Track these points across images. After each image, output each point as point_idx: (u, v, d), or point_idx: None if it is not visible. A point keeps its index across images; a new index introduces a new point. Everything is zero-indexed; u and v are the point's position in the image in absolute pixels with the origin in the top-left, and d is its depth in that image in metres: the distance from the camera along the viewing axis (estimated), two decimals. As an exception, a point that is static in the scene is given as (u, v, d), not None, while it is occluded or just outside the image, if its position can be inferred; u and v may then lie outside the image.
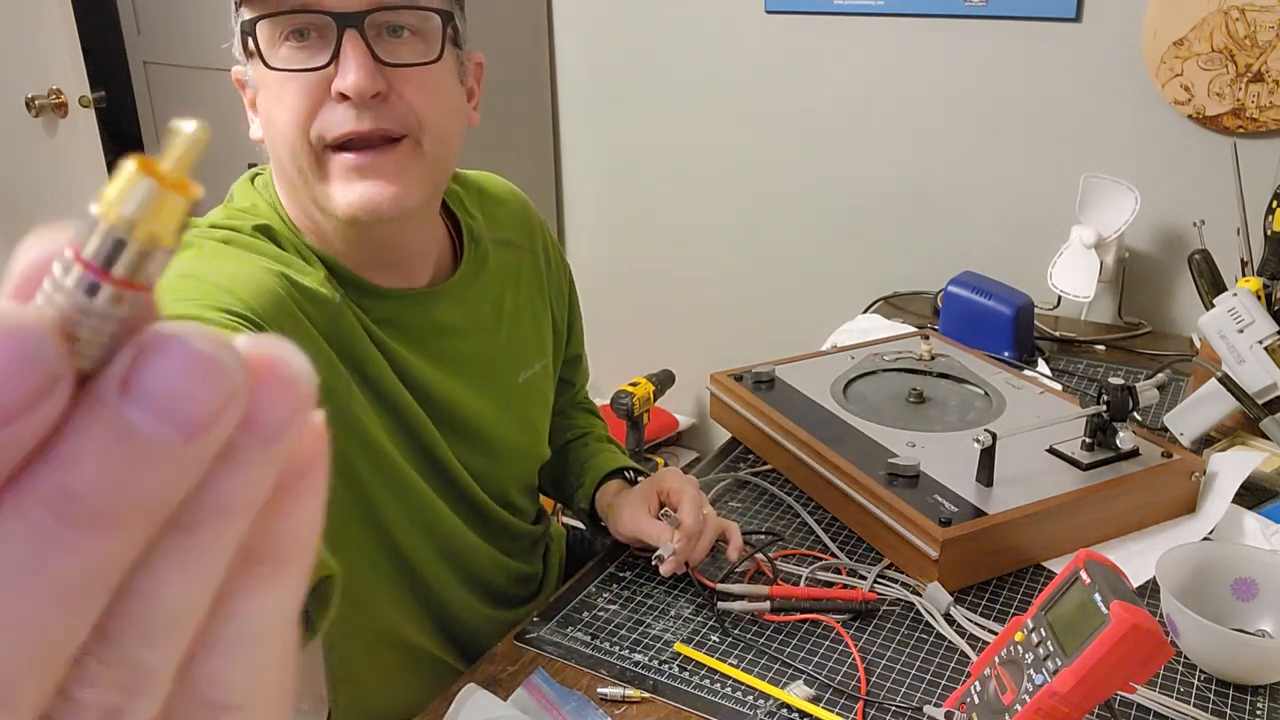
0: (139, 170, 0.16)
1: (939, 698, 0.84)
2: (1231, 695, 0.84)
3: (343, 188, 0.83)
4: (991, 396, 1.23)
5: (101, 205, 0.16)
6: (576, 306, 1.19)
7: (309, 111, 0.82)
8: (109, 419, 0.16)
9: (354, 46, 0.80)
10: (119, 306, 0.16)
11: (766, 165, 2.20)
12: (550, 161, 2.48)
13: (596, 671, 0.88)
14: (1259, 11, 1.60)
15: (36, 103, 2.46)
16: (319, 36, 0.81)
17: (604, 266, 2.51)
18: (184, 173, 0.17)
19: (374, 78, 0.80)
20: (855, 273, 2.15)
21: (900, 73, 1.98)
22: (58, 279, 0.16)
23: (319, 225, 0.89)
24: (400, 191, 0.84)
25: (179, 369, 0.17)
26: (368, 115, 0.81)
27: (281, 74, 0.82)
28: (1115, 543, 1.04)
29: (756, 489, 1.19)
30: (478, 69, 0.96)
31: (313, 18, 0.81)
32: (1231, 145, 1.56)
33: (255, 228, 0.87)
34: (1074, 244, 1.72)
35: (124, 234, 0.16)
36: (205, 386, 0.17)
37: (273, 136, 0.85)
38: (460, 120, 0.91)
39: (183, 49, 2.50)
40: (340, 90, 0.80)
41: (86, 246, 0.16)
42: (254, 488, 0.18)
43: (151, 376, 0.16)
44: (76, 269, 0.16)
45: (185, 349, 0.17)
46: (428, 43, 0.85)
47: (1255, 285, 1.24)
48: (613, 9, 2.28)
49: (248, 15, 0.82)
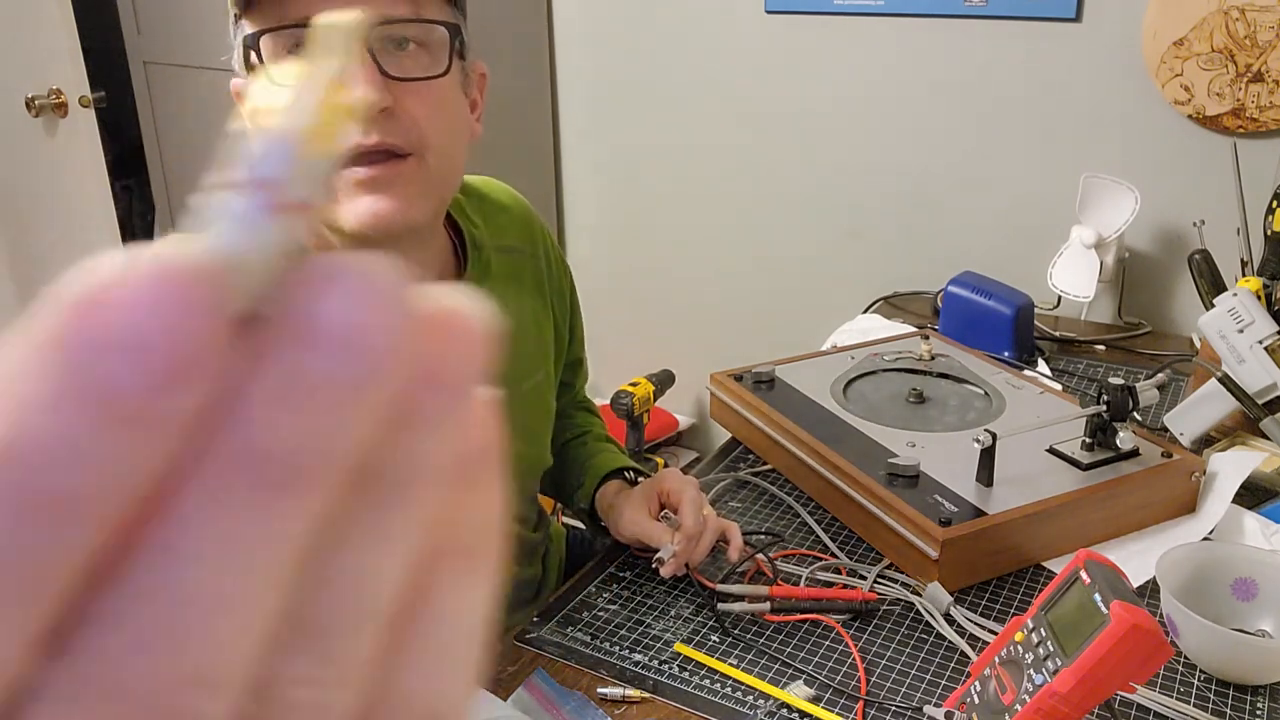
0: (307, 75, 0.15)
1: (939, 698, 0.84)
2: (1231, 695, 0.84)
3: (349, 204, 0.82)
4: (991, 396, 1.23)
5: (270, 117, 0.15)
6: (578, 310, 1.19)
7: None
8: (290, 363, 0.15)
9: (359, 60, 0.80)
10: (287, 230, 0.15)
11: (766, 165, 2.20)
12: (550, 162, 2.48)
13: (596, 671, 0.89)
14: (1259, 11, 1.60)
15: (36, 103, 2.46)
16: None
17: (604, 266, 2.51)
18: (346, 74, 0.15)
19: (380, 92, 0.79)
20: (855, 273, 2.15)
21: (900, 73, 1.98)
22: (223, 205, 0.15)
23: (322, 240, 0.88)
24: (406, 206, 0.83)
25: (354, 301, 0.15)
26: (373, 129, 0.80)
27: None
28: (1115, 543, 1.04)
29: (756, 489, 1.19)
30: (481, 80, 0.95)
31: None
32: (1231, 145, 1.56)
33: None
34: (1074, 244, 1.72)
35: (291, 147, 0.15)
36: (385, 318, 0.15)
37: None
38: (464, 134, 0.90)
39: (183, 49, 2.50)
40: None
41: (259, 166, 0.15)
42: (442, 451, 0.16)
43: (328, 311, 0.15)
44: (253, 193, 0.15)
45: (356, 280, 0.15)
46: (433, 56, 0.84)
47: (1255, 285, 1.24)
48: (613, 9, 2.28)
49: (249, 29, 0.81)
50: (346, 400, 0.15)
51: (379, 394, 0.15)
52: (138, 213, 3.46)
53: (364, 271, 0.15)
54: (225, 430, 0.14)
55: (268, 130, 0.14)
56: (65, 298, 0.14)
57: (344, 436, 0.15)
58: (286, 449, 0.14)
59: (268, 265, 0.15)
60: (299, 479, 0.14)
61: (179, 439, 0.14)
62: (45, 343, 0.14)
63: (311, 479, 0.15)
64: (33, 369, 0.13)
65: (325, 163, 0.15)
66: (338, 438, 0.15)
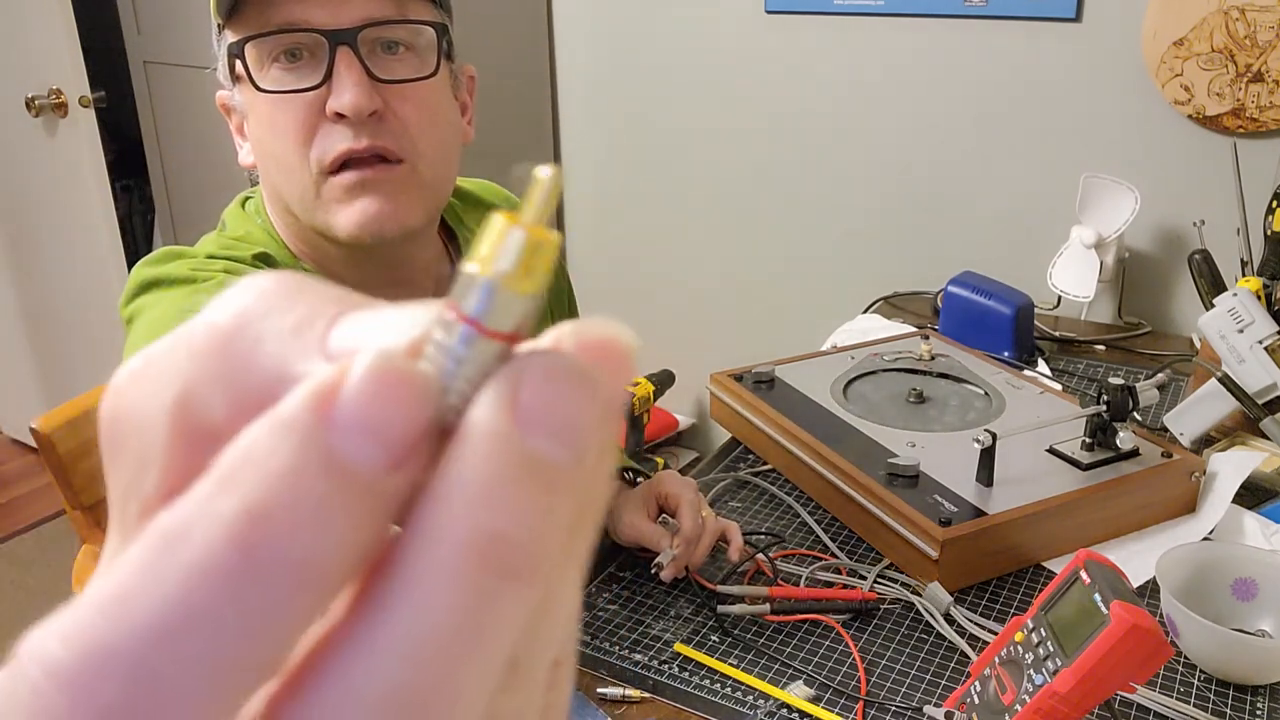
0: (508, 223, 0.17)
1: (939, 698, 0.84)
2: (1231, 695, 0.84)
3: (342, 209, 0.81)
4: (991, 396, 1.23)
5: (477, 262, 0.17)
6: (576, 313, 1.19)
7: (305, 135, 0.79)
8: (514, 451, 0.16)
9: (347, 65, 0.77)
10: (491, 358, 0.17)
11: (766, 165, 2.20)
12: (550, 161, 2.48)
13: (596, 671, 0.89)
14: (1259, 11, 1.60)
15: (36, 103, 2.46)
16: (310, 56, 0.79)
17: (604, 267, 2.51)
18: (545, 220, 0.18)
19: (370, 95, 0.78)
20: (855, 273, 2.15)
21: (900, 73, 1.98)
22: (439, 340, 0.17)
23: (317, 249, 0.87)
24: (399, 210, 0.82)
25: (565, 390, 0.16)
26: (364, 133, 0.79)
27: (273, 96, 0.79)
28: (1115, 543, 1.04)
29: (756, 489, 1.19)
30: (470, 82, 0.94)
31: (302, 36, 0.78)
32: (1231, 145, 1.56)
33: (255, 257, 0.85)
34: (1074, 244, 1.72)
35: (495, 283, 0.17)
36: (589, 402, 0.17)
37: (267, 163, 0.83)
38: (456, 138, 0.89)
39: (183, 49, 2.50)
40: (336, 110, 0.78)
41: (465, 304, 0.17)
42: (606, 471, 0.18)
43: (543, 403, 0.16)
44: (459, 327, 0.17)
45: (561, 368, 0.17)
46: (422, 58, 0.83)
47: (1255, 285, 1.24)
48: (613, 9, 2.28)
49: (233, 37, 0.80)
50: (568, 481, 0.16)
51: (588, 469, 0.17)
52: (138, 213, 3.46)
53: (560, 359, 0.17)
54: (442, 511, 0.15)
55: (478, 272, 0.17)
56: (305, 390, 0.16)
57: (566, 514, 0.16)
58: (523, 531, 0.15)
59: (471, 384, 0.17)
60: (532, 561, 0.16)
61: (392, 513, 0.16)
62: (285, 424, 0.15)
63: (541, 560, 0.16)
64: (279, 445, 0.15)
65: (527, 299, 0.17)
66: (562, 516, 0.16)
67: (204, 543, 0.14)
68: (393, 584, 0.15)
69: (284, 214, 0.87)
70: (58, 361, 2.90)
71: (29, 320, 2.91)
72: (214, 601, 0.14)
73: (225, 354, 0.17)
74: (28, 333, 2.93)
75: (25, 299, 2.89)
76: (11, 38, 2.49)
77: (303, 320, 0.17)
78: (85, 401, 1.14)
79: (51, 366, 2.93)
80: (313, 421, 0.15)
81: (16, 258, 2.85)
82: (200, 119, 2.53)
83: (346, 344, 0.17)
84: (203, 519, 0.15)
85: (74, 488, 1.10)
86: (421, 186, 0.84)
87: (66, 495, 1.11)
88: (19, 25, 2.45)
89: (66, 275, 2.72)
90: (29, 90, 2.46)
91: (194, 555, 0.14)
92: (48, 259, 2.76)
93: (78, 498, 1.10)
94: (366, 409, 0.15)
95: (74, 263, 2.68)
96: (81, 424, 1.11)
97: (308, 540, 0.15)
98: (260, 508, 0.15)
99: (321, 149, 0.79)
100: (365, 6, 0.79)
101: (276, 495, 0.15)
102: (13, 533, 2.65)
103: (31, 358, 2.96)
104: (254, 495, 0.15)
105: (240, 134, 0.87)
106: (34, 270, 2.82)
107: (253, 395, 0.17)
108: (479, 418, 0.16)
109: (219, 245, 0.86)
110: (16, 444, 3.09)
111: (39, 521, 2.70)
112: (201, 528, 0.14)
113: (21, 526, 2.68)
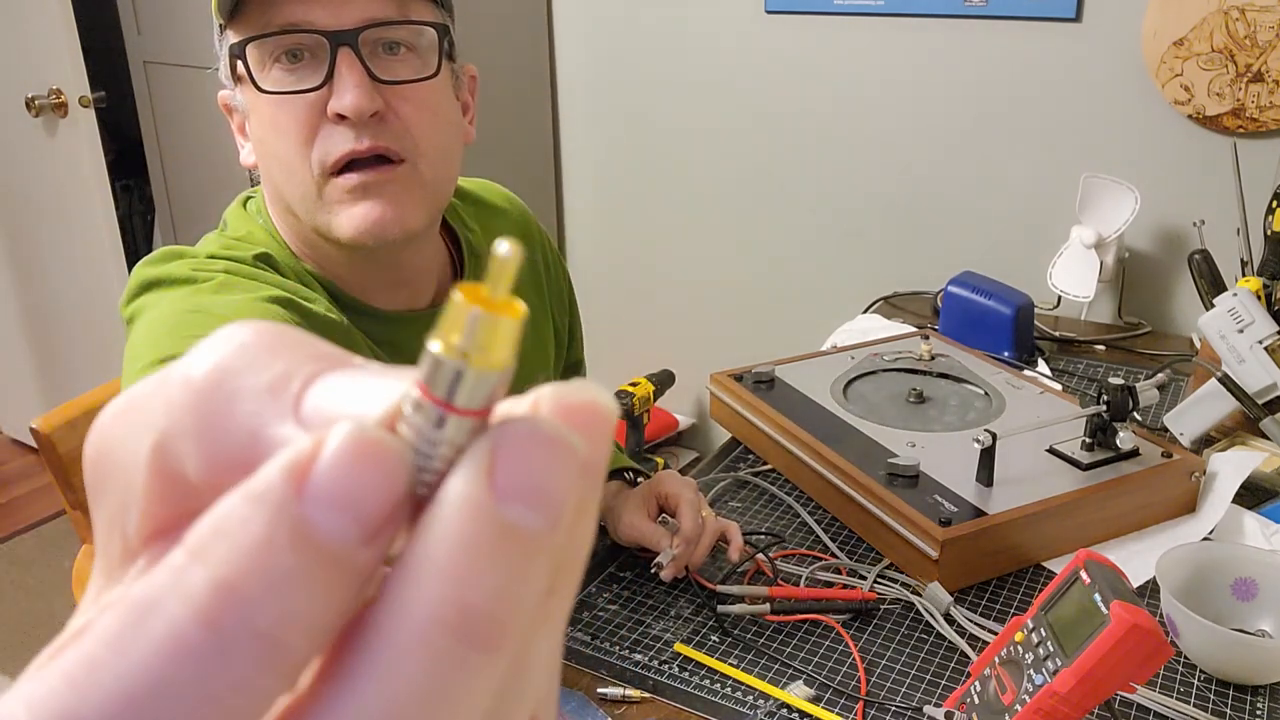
0: (466, 300, 0.17)
1: (939, 698, 0.84)
2: (1231, 695, 0.84)
3: (345, 211, 0.81)
4: (991, 396, 1.23)
5: (438, 340, 0.17)
6: (576, 313, 1.19)
7: (307, 136, 0.79)
8: (489, 520, 0.16)
9: (349, 65, 0.78)
10: (465, 434, 0.17)
11: (766, 165, 2.21)
12: (550, 162, 2.48)
13: (596, 671, 0.89)
14: (1259, 11, 1.60)
15: (36, 103, 2.46)
16: (311, 57, 0.79)
17: (604, 267, 2.51)
18: (507, 293, 0.18)
19: (372, 96, 0.78)
20: (855, 273, 2.15)
21: (900, 73, 1.98)
22: (408, 416, 0.17)
23: (319, 250, 0.87)
24: (402, 213, 0.82)
25: (541, 457, 0.16)
26: (366, 134, 0.79)
27: (275, 98, 0.79)
28: (1115, 543, 1.04)
29: (756, 489, 1.19)
30: (472, 82, 0.94)
31: (303, 37, 0.78)
32: (1231, 145, 1.57)
33: (256, 257, 0.84)
34: (1074, 244, 1.72)
35: (462, 365, 0.17)
36: (565, 467, 0.17)
37: (269, 164, 0.83)
38: (457, 138, 0.89)
39: (183, 49, 2.50)
40: (337, 111, 0.78)
41: (434, 386, 0.17)
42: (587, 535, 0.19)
43: (519, 471, 0.16)
44: (426, 405, 0.17)
45: (537, 435, 0.17)
46: (423, 58, 0.83)
47: (1255, 285, 1.24)
48: (613, 9, 2.28)
49: (235, 38, 0.80)
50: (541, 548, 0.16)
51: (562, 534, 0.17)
52: (138, 212, 3.46)
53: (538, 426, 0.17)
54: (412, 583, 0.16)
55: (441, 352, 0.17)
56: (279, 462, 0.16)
57: (541, 580, 0.16)
58: (493, 602, 0.16)
59: (442, 460, 0.17)
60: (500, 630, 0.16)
61: (363, 585, 0.16)
62: (258, 496, 0.15)
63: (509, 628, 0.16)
64: (251, 517, 0.15)
65: (495, 374, 0.17)
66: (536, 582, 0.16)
67: (171, 617, 0.15)
68: (362, 654, 0.16)
69: (285, 214, 0.87)
70: (58, 361, 2.90)
71: (29, 320, 2.91)
72: (179, 675, 0.14)
73: (200, 411, 0.17)
74: (28, 333, 2.93)
75: (25, 299, 2.89)
76: (11, 38, 2.49)
77: (279, 379, 0.17)
78: (85, 401, 1.14)
79: (51, 366, 2.93)
80: (286, 494, 0.15)
81: (16, 258, 2.85)
82: (200, 119, 2.53)
83: (322, 408, 0.17)
84: (172, 591, 0.15)
85: (74, 488, 1.10)
86: (423, 186, 0.84)
87: (66, 495, 1.11)
88: (19, 25, 2.45)
89: (66, 275, 2.72)
90: (29, 90, 2.46)
91: (161, 629, 0.15)
92: (48, 259, 2.76)
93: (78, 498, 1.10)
94: (340, 483, 0.15)
95: (74, 263, 2.68)
96: (81, 424, 1.11)
97: (274, 614, 0.15)
98: (229, 580, 0.15)
99: (323, 150, 0.79)
100: (367, 7, 0.79)
101: (246, 568, 0.15)
102: (13, 533, 2.65)
103: (31, 358, 2.96)
104: (223, 568, 0.15)
105: (242, 134, 0.87)
106: (34, 270, 2.82)
107: (227, 454, 0.17)
108: (453, 488, 0.16)
109: (220, 245, 0.86)
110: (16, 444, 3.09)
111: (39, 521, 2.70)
112: (170, 600, 0.15)
113: (21, 526, 2.68)
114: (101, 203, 2.53)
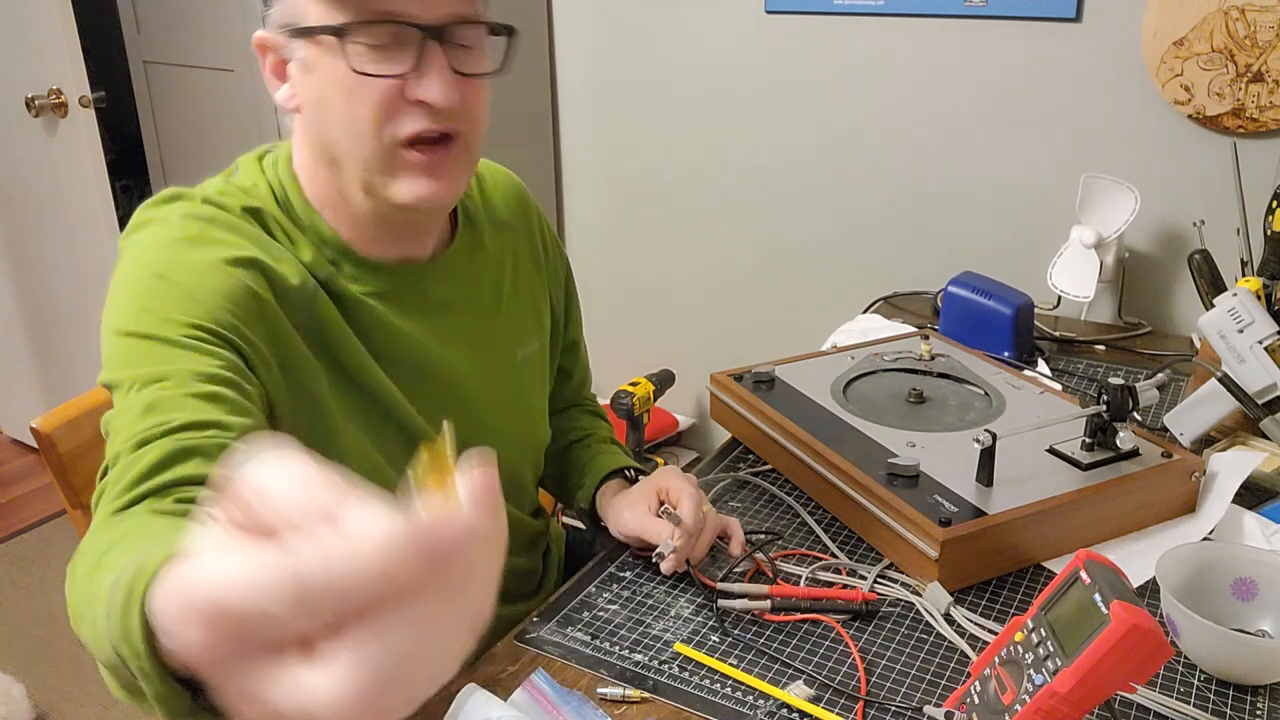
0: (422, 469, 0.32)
1: (939, 698, 0.84)
2: (1231, 695, 0.84)
3: (408, 180, 0.86)
4: (991, 396, 1.23)
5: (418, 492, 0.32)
6: (574, 294, 1.20)
7: (384, 114, 0.84)
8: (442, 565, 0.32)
9: (436, 59, 0.83)
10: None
11: (766, 165, 2.21)
12: (550, 161, 2.48)
13: (596, 671, 0.89)
14: (1259, 11, 1.60)
15: (36, 103, 2.46)
16: (395, 42, 0.83)
17: (604, 266, 2.51)
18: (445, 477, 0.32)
19: (454, 90, 0.84)
20: (855, 273, 2.15)
21: (900, 73, 1.98)
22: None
23: (343, 202, 0.91)
24: (454, 187, 0.89)
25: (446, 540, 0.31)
26: (441, 118, 0.85)
27: (359, 76, 0.84)
28: (1115, 543, 1.04)
29: (756, 489, 1.19)
30: None
31: (397, 28, 0.83)
32: (1231, 145, 1.57)
33: (244, 209, 0.88)
34: (1074, 244, 1.72)
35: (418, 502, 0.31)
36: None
37: (326, 121, 0.86)
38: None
39: (183, 49, 2.50)
40: (422, 99, 0.83)
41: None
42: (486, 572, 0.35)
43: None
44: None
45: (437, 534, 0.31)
46: (485, 51, 0.89)
47: (1255, 285, 1.24)
48: (613, 9, 2.28)
49: (333, 19, 0.83)
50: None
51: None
52: (138, 213, 3.45)
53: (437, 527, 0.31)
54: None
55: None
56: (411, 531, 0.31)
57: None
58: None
59: None
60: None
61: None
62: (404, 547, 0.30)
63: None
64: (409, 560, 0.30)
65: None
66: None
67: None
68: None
69: (328, 165, 0.89)
70: (58, 361, 2.90)
71: (29, 320, 2.91)
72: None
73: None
74: (28, 332, 2.93)
75: (25, 299, 2.89)
76: (11, 38, 2.49)
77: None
78: (85, 401, 1.14)
79: (51, 366, 2.93)
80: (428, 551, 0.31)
81: (17, 258, 2.85)
82: (200, 118, 2.53)
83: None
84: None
85: (74, 488, 1.10)
86: (470, 160, 0.91)
87: (66, 495, 1.11)
88: (19, 25, 2.45)
89: (67, 275, 2.72)
90: (29, 90, 2.46)
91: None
92: (48, 259, 2.76)
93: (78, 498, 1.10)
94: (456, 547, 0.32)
95: (74, 263, 2.68)
96: (81, 424, 1.11)
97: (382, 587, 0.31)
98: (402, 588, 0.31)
99: (399, 126, 0.85)
100: (451, 4, 0.84)
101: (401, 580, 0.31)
102: (13, 533, 2.65)
103: (31, 358, 2.96)
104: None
105: (275, 74, 0.89)
106: (34, 270, 2.82)
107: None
108: None
109: (218, 190, 0.90)
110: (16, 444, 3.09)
111: (39, 521, 2.70)
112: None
113: (21, 526, 2.68)
114: (101, 203, 2.53)
